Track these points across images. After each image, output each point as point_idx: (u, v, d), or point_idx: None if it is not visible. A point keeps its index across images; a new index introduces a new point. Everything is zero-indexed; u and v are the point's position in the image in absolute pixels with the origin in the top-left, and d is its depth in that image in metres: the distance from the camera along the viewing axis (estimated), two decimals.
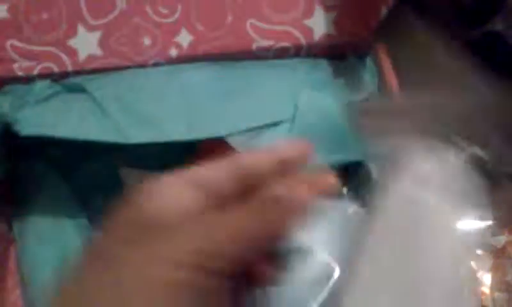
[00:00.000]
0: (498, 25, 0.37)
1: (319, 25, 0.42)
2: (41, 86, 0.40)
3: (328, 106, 0.40)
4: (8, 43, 0.41)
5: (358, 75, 0.42)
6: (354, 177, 0.44)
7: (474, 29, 0.40)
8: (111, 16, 0.41)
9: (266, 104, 0.40)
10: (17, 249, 0.45)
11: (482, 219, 0.45)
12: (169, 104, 0.40)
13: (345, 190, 0.43)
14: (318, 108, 0.39)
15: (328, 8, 0.42)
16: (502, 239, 0.43)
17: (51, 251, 0.44)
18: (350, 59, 0.43)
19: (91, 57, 0.41)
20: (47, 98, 0.40)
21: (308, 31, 0.42)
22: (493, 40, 0.38)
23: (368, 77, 0.41)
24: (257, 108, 0.40)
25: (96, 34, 0.41)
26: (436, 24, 0.42)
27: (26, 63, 0.41)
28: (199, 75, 0.41)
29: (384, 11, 0.38)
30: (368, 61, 0.42)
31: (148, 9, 0.41)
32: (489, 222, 0.45)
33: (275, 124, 0.39)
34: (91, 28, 0.41)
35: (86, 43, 0.41)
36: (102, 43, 0.41)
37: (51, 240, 0.44)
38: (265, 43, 0.42)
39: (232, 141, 0.39)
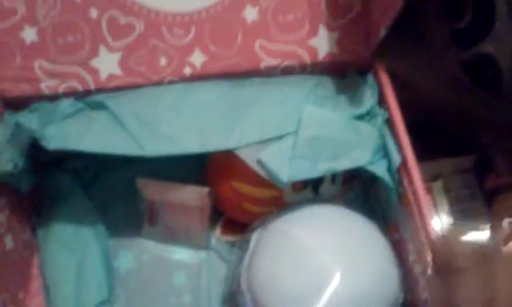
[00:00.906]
0: (488, 47, 0.39)
1: (322, 44, 0.45)
2: (66, 103, 0.44)
3: (330, 119, 0.42)
4: (36, 63, 0.44)
5: (359, 90, 0.44)
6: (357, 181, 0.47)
7: (466, 50, 0.42)
8: (130, 38, 0.44)
9: (272, 119, 0.42)
10: (40, 255, 0.48)
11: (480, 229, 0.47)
12: (183, 119, 0.42)
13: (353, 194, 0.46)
14: (321, 121, 0.42)
15: (331, 29, 0.45)
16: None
17: (72, 258, 0.47)
18: (351, 76, 0.46)
19: (111, 77, 0.44)
20: (71, 115, 0.43)
21: (313, 50, 0.45)
22: (484, 61, 0.40)
23: (368, 93, 0.44)
24: (264, 122, 0.42)
25: (117, 55, 0.44)
26: (429, 44, 0.44)
27: (52, 82, 0.44)
28: (211, 92, 0.44)
29: (383, 31, 0.41)
30: (369, 78, 0.45)
31: (164, 31, 0.44)
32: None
33: (280, 137, 0.42)
34: (112, 49, 0.44)
35: (107, 64, 0.44)
36: (122, 63, 0.44)
37: (72, 247, 0.47)
38: (273, 61, 0.45)
39: (240, 153, 0.42)
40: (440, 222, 0.46)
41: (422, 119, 0.47)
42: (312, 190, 0.44)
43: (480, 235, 0.47)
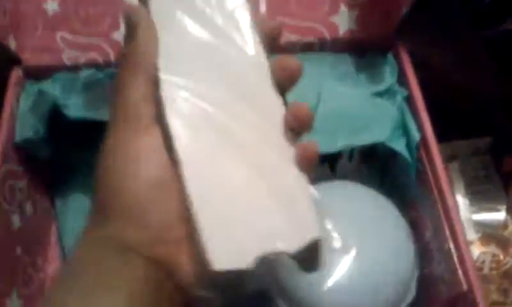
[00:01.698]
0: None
1: (343, 21, 0.45)
2: (86, 74, 0.44)
3: (349, 95, 0.42)
4: (58, 35, 0.44)
5: (378, 68, 0.44)
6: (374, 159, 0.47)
7: (489, 29, 0.42)
8: None
9: (293, 94, 0.43)
10: (58, 224, 0.49)
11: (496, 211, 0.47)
12: None
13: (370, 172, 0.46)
14: (340, 96, 0.42)
15: (352, 6, 0.45)
16: None
17: None
18: (372, 54, 0.46)
19: None
20: (91, 85, 0.44)
21: (333, 27, 0.45)
22: (508, 39, 0.40)
23: (388, 71, 0.44)
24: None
25: None
26: (452, 23, 0.44)
27: (73, 53, 0.45)
28: None
29: (404, 10, 0.41)
30: (389, 56, 0.45)
31: None
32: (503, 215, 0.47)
33: None
34: None
35: None
36: None
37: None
38: (293, 38, 0.45)
39: None
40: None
41: (440, 99, 0.47)
42: (329, 166, 0.45)
43: (496, 216, 0.47)
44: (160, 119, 0.26)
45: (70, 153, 0.50)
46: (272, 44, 0.29)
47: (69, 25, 0.44)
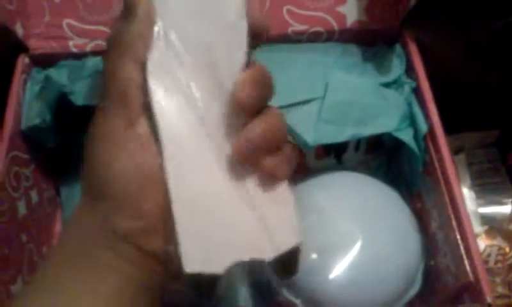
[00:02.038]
0: None
1: (351, 11, 0.44)
2: (93, 61, 0.44)
3: (357, 85, 0.42)
4: (65, 21, 0.44)
5: (386, 59, 0.44)
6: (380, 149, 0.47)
7: (496, 20, 0.41)
8: None
9: (299, 83, 0.42)
10: (63, 212, 0.49)
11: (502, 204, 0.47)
12: None
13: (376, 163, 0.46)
14: (348, 86, 0.42)
15: None
16: None
17: None
18: (379, 44, 0.46)
19: None
20: (98, 73, 0.44)
21: (341, 17, 0.45)
22: None
23: (396, 62, 0.44)
24: (290, 86, 0.42)
25: None
26: (459, 15, 0.44)
27: (80, 41, 0.45)
28: None
29: (413, 0, 0.41)
30: (397, 47, 0.44)
31: None
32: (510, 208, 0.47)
33: (307, 101, 0.42)
34: None
35: None
36: None
37: None
38: (300, 27, 0.45)
39: None
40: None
41: (448, 91, 0.46)
42: (335, 157, 0.44)
43: (502, 209, 0.47)
44: (148, 108, 0.26)
45: (76, 142, 0.49)
46: (257, 40, 0.28)
47: (76, 13, 0.44)
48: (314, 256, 0.38)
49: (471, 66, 0.44)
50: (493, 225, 0.45)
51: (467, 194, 0.47)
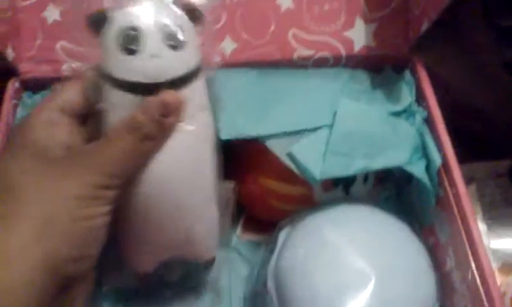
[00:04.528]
0: None
1: (359, 36, 0.43)
2: None
3: (366, 114, 0.40)
4: (58, 44, 0.42)
5: (395, 86, 0.42)
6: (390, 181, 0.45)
7: (509, 49, 0.40)
8: None
9: (305, 110, 0.40)
10: None
11: None
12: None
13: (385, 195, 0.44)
14: (357, 115, 0.40)
15: (368, 20, 0.43)
16: None
17: None
18: (387, 71, 0.44)
19: None
20: None
21: (348, 42, 0.43)
22: None
23: (406, 89, 0.42)
24: (296, 113, 0.40)
25: None
26: (471, 43, 0.42)
27: (74, 64, 0.42)
28: (240, 80, 0.42)
29: (425, 26, 0.39)
30: (406, 74, 0.43)
31: None
32: None
33: (314, 129, 0.40)
34: None
35: None
36: None
37: None
38: (306, 52, 0.43)
39: (270, 144, 0.40)
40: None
41: (456, 120, 0.45)
42: (343, 189, 0.42)
43: None
44: None
45: None
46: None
47: (70, 35, 0.42)
48: (329, 295, 0.36)
49: (482, 95, 0.43)
50: (508, 261, 0.43)
51: (480, 227, 0.45)
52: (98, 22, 0.30)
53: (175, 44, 0.29)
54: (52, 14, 0.42)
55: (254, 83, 0.41)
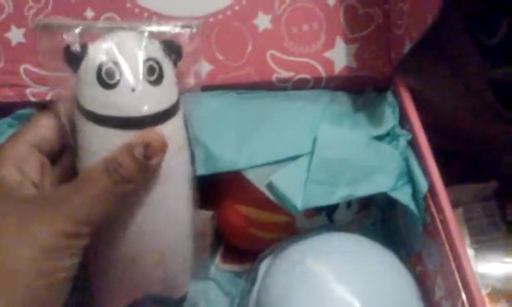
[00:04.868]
0: None
1: (339, 57, 0.41)
2: None
3: (348, 139, 0.38)
4: (22, 67, 0.39)
5: (378, 109, 0.41)
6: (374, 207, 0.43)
7: (496, 69, 0.39)
8: None
9: (285, 137, 0.39)
10: None
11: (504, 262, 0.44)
12: None
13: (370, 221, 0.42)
14: (338, 141, 0.38)
15: (349, 40, 0.41)
16: None
17: None
18: (369, 92, 0.43)
19: None
20: None
21: (329, 64, 0.41)
22: None
23: (389, 111, 0.40)
24: (276, 141, 0.38)
25: None
26: (455, 62, 0.41)
27: (39, 89, 0.40)
28: (215, 103, 0.40)
29: (408, 46, 0.38)
30: (388, 95, 0.41)
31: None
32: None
33: (294, 158, 0.38)
34: None
35: None
36: None
37: None
38: (285, 74, 0.41)
39: (248, 175, 0.38)
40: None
41: (441, 142, 0.44)
42: (326, 216, 0.40)
43: (504, 268, 0.44)
44: None
45: None
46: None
47: (35, 57, 0.40)
48: None
49: (466, 115, 0.42)
50: (496, 287, 0.42)
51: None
52: (76, 55, 0.29)
53: (153, 79, 0.29)
54: (16, 35, 0.39)
55: (230, 108, 0.39)
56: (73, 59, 0.29)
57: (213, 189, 0.43)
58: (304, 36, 0.41)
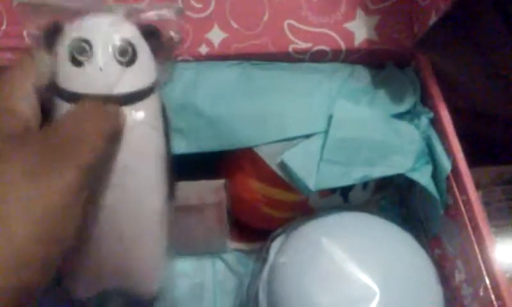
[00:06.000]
0: None
1: (360, 29, 0.39)
2: None
3: (365, 117, 0.37)
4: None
5: (399, 85, 0.39)
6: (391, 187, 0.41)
7: None
8: None
9: (299, 113, 0.37)
10: None
11: None
12: (195, 111, 0.36)
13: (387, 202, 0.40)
14: (354, 119, 0.36)
15: (370, 12, 0.39)
16: None
17: None
18: (390, 67, 0.41)
19: None
20: None
21: (349, 35, 0.39)
22: None
23: (410, 88, 0.39)
24: (289, 118, 0.36)
25: None
26: (482, 39, 0.39)
27: None
28: (229, 73, 0.38)
29: (433, 19, 0.36)
30: (410, 71, 0.40)
31: (179, 2, 0.38)
32: None
33: (308, 135, 0.36)
34: None
35: None
36: None
37: None
38: (303, 45, 0.39)
39: (260, 152, 0.36)
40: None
41: (461, 123, 0.42)
42: (341, 196, 0.39)
43: None
44: None
45: None
46: None
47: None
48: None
49: (491, 95, 0.40)
50: None
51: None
52: (52, 33, 0.29)
53: (125, 60, 0.29)
54: None
55: (243, 80, 0.37)
56: (50, 36, 0.29)
57: (224, 163, 0.41)
58: (324, 6, 0.39)
